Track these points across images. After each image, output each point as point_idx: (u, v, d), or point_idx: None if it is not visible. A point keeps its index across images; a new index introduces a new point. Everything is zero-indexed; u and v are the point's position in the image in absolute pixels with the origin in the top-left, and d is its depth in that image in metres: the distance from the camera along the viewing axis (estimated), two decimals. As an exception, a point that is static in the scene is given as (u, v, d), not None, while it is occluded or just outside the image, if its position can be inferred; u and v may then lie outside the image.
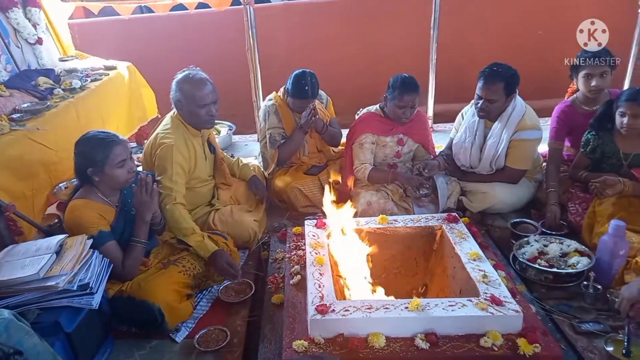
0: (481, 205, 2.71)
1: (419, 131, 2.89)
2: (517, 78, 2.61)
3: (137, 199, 2.03)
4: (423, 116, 2.96)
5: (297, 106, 2.90)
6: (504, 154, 2.69)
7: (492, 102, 2.61)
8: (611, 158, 2.51)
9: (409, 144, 2.90)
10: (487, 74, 2.60)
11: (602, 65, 2.58)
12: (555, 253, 2.25)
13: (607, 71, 2.59)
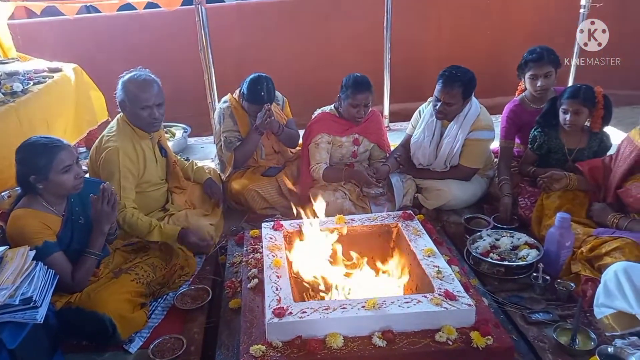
0: (436, 202, 2.77)
1: (374, 131, 2.92)
2: (474, 82, 2.69)
3: (96, 209, 1.95)
4: (378, 116, 2.99)
5: (252, 110, 2.87)
6: (459, 153, 2.76)
7: (450, 105, 2.67)
8: (557, 153, 2.61)
9: (365, 144, 2.92)
10: (446, 77, 2.64)
11: (547, 66, 2.67)
12: (506, 246, 2.32)
13: (551, 71, 2.69)
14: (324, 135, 2.82)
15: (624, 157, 2.25)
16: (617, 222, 2.19)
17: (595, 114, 2.46)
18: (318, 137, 2.82)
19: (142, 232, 2.26)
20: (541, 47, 2.72)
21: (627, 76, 4.77)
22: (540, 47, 2.72)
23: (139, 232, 2.28)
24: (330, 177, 2.81)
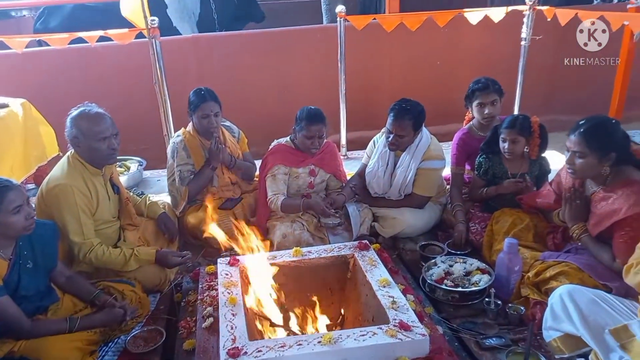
0: (392, 230, 2.82)
1: (329, 162, 2.97)
2: (423, 115, 2.80)
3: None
4: (333, 147, 3.04)
5: (201, 116, 2.86)
6: (412, 182, 2.84)
7: (401, 137, 2.76)
8: (501, 178, 2.73)
9: (321, 175, 2.96)
10: (396, 111, 2.74)
11: (492, 94, 2.83)
12: (459, 272, 2.38)
13: (496, 99, 2.86)
14: (281, 166, 2.84)
15: (566, 185, 2.36)
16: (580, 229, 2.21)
17: (532, 143, 2.59)
18: (275, 169, 2.84)
19: (118, 265, 2.31)
20: (486, 78, 2.90)
21: (568, 102, 5.08)
22: (485, 78, 2.90)
23: (114, 266, 2.31)
24: (288, 208, 2.82)
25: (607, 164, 2.09)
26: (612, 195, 2.09)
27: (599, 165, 2.09)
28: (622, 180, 2.09)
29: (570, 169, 2.15)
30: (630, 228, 1.99)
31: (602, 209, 2.12)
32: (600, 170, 2.10)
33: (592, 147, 2.05)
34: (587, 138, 2.06)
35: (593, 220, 2.16)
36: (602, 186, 2.15)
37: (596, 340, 1.80)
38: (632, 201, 2.00)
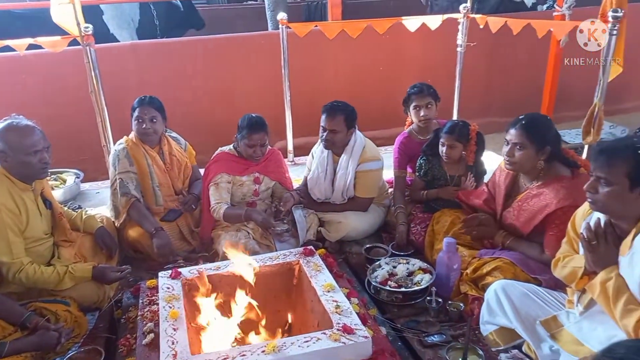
0: (338, 235, 2.85)
1: (274, 169, 2.96)
2: (355, 113, 2.87)
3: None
4: (278, 155, 3.04)
5: (135, 118, 2.79)
6: (352, 185, 2.89)
7: (335, 133, 2.81)
8: (440, 180, 2.84)
9: (266, 182, 2.95)
10: (328, 107, 2.83)
11: (427, 97, 2.95)
12: (403, 273, 2.43)
13: (431, 102, 2.97)
14: (224, 174, 2.81)
15: (500, 185, 2.48)
16: (502, 238, 2.37)
17: (469, 149, 2.71)
18: (217, 177, 2.80)
19: (51, 283, 2.19)
20: (421, 83, 3.03)
21: (503, 105, 5.34)
22: (421, 83, 3.03)
23: (47, 285, 2.19)
24: (230, 217, 2.78)
25: (542, 157, 2.21)
26: (544, 190, 2.21)
27: (536, 158, 2.20)
28: (552, 176, 2.22)
29: (509, 162, 2.26)
30: (560, 221, 2.11)
31: (535, 204, 2.23)
32: (536, 163, 2.22)
33: (531, 139, 2.17)
34: (527, 130, 2.18)
35: (527, 216, 2.27)
36: (535, 181, 2.27)
37: (528, 331, 1.91)
38: (561, 195, 2.13)
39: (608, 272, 1.69)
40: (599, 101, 2.86)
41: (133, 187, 2.79)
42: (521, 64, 5.23)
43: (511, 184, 2.42)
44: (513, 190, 2.42)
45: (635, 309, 1.60)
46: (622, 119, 5.60)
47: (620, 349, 0.95)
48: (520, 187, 2.37)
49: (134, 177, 2.82)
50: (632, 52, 5.64)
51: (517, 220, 2.32)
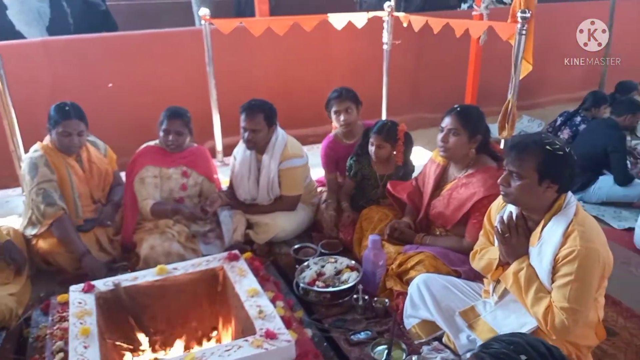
0: (266, 236, 2.80)
1: (202, 164, 2.90)
2: (274, 110, 2.84)
3: None
4: (204, 151, 2.97)
5: (61, 133, 2.58)
6: (277, 183, 2.86)
7: (256, 132, 2.77)
8: (370, 180, 2.86)
9: (194, 177, 2.86)
10: (247, 107, 2.79)
11: (346, 102, 2.93)
12: (330, 272, 2.43)
13: (351, 107, 2.95)
14: (149, 167, 2.72)
15: (430, 176, 2.54)
16: (420, 240, 2.45)
17: (397, 148, 2.75)
18: (143, 171, 2.70)
19: None
20: (342, 87, 3.01)
21: (430, 101, 5.52)
22: (341, 87, 3.01)
23: None
24: (158, 213, 2.70)
25: (474, 145, 2.30)
26: (472, 180, 2.29)
27: (467, 146, 2.28)
28: (480, 167, 2.31)
29: (443, 148, 2.32)
30: (485, 210, 2.17)
31: (464, 193, 2.31)
32: (467, 151, 2.30)
33: (464, 126, 2.25)
34: (461, 117, 2.26)
35: (456, 204, 2.34)
36: (464, 171, 2.35)
37: (448, 322, 1.96)
38: (488, 184, 2.21)
39: (520, 263, 1.77)
40: (512, 98, 3.01)
41: (57, 197, 2.58)
42: (446, 62, 5.41)
43: (441, 175, 2.49)
44: (442, 181, 2.49)
45: (545, 297, 1.69)
46: (539, 112, 5.97)
47: (495, 344, 1.00)
48: (450, 177, 2.44)
49: (57, 187, 2.61)
50: (546, 50, 6.06)
51: (446, 209, 2.37)
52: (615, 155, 3.82)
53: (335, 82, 5.04)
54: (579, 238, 1.63)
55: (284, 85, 4.90)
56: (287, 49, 4.82)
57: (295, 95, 4.83)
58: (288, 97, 4.76)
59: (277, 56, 4.85)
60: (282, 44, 4.74)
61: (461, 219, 2.31)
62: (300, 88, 4.93)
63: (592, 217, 1.75)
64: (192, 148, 2.88)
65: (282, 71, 4.90)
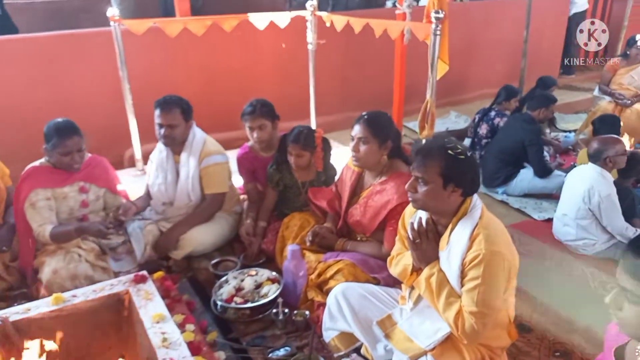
0: (183, 251, 2.65)
1: (101, 175, 2.66)
2: (190, 106, 2.73)
3: None
4: (102, 161, 2.73)
5: None
6: (198, 183, 2.72)
7: (173, 128, 2.64)
8: (292, 188, 2.78)
9: (95, 190, 2.63)
10: (162, 102, 2.66)
11: (259, 119, 2.78)
12: (250, 286, 2.33)
13: (265, 123, 2.79)
14: (39, 190, 2.43)
15: (346, 183, 2.49)
16: (342, 245, 2.39)
17: (316, 155, 2.68)
18: (31, 196, 2.42)
19: None
20: (257, 101, 2.83)
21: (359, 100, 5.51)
22: (257, 101, 2.83)
23: None
24: (60, 237, 2.43)
25: (385, 152, 2.26)
26: (386, 186, 2.26)
27: (379, 153, 2.24)
28: (394, 173, 2.28)
29: (355, 157, 2.27)
30: (400, 217, 2.16)
31: (379, 200, 2.27)
32: (379, 158, 2.26)
33: (374, 133, 2.20)
34: (370, 125, 2.21)
35: (372, 212, 2.30)
36: (379, 178, 2.31)
37: (365, 333, 1.92)
38: (402, 191, 2.16)
39: (431, 268, 1.75)
40: (430, 97, 3.01)
41: None
42: (374, 60, 5.43)
43: (356, 182, 2.45)
44: (358, 187, 2.45)
45: (455, 302, 1.68)
46: (467, 107, 6.14)
47: None
48: (366, 184, 2.40)
49: None
50: (470, 47, 6.25)
51: (363, 217, 2.34)
52: (532, 149, 3.97)
53: (263, 82, 4.96)
54: (484, 241, 1.62)
55: (209, 88, 4.71)
56: (211, 50, 4.64)
57: (221, 98, 4.66)
58: (214, 100, 4.59)
59: (201, 58, 4.66)
60: (206, 45, 4.56)
61: (379, 226, 2.27)
62: (226, 91, 4.76)
63: (497, 219, 1.76)
64: (87, 159, 2.60)
65: (207, 74, 4.72)
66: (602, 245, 3.18)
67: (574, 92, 6.94)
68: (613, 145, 3.10)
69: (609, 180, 3.13)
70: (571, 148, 5.13)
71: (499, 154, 4.15)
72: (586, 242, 3.21)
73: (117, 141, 4.02)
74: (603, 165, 3.11)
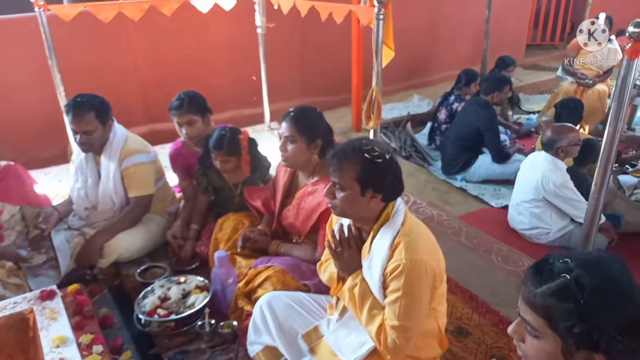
0: (108, 259, 2.45)
1: (15, 190, 2.46)
2: (106, 104, 2.48)
3: None
4: (15, 170, 2.53)
5: None
6: (121, 185, 2.52)
7: (89, 134, 2.41)
8: (223, 190, 2.60)
9: (9, 209, 2.43)
10: (72, 105, 2.39)
11: (187, 114, 2.56)
12: (176, 296, 2.17)
13: (194, 119, 2.58)
14: None
15: (279, 182, 2.34)
16: (275, 248, 2.25)
17: (242, 159, 2.49)
18: None
19: None
20: (185, 94, 2.59)
21: (319, 85, 5.33)
22: (185, 94, 2.59)
23: None
24: None
25: (315, 151, 2.10)
26: (318, 187, 2.11)
27: (308, 152, 2.09)
28: (325, 173, 2.12)
29: (283, 157, 2.11)
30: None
31: (311, 202, 2.13)
32: (309, 157, 2.11)
33: (301, 131, 2.04)
34: (297, 122, 2.05)
35: (304, 214, 2.16)
36: (311, 178, 2.17)
37: (290, 348, 1.79)
38: None
39: (354, 278, 1.63)
40: (376, 86, 2.85)
41: None
42: (332, 43, 5.21)
43: (290, 181, 2.30)
44: (293, 187, 2.30)
45: (378, 314, 1.57)
46: (430, 90, 6.00)
47: None
48: (300, 184, 2.25)
49: None
50: (433, 28, 6.08)
51: (296, 220, 2.20)
52: (488, 134, 3.87)
53: (215, 67, 4.73)
54: (404, 250, 1.50)
55: (158, 75, 4.48)
56: (158, 34, 4.38)
57: (171, 85, 4.40)
58: (162, 88, 4.36)
59: (147, 43, 4.40)
60: (152, 30, 4.31)
61: (312, 229, 2.14)
62: (176, 77, 4.52)
63: (421, 223, 1.63)
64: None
65: (154, 59, 4.47)
66: (556, 233, 3.12)
67: (539, 71, 6.86)
68: (566, 135, 3.01)
69: (562, 169, 3.05)
70: (534, 130, 5.05)
71: (456, 140, 4.03)
72: (540, 231, 3.15)
73: (60, 134, 3.77)
74: (555, 154, 3.03)
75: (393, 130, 4.82)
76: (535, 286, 0.93)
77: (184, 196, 2.76)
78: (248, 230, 2.32)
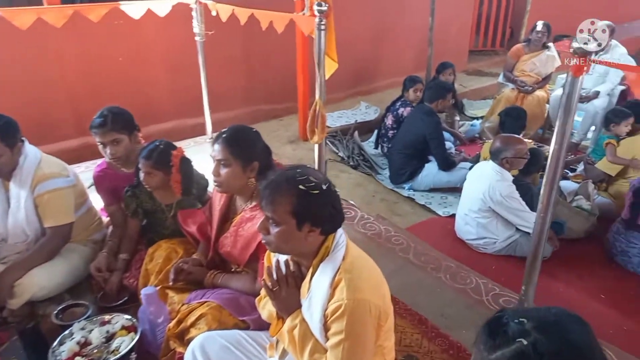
0: (20, 300, 2.15)
1: None
2: (13, 126, 2.18)
3: None
4: None
5: None
6: (34, 215, 2.25)
7: None
8: (156, 213, 2.39)
9: None
10: None
11: (111, 133, 2.30)
12: (98, 340, 1.94)
13: (118, 138, 2.32)
14: None
15: (215, 207, 2.16)
16: (212, 280, 2.07)
17: (172, 179, 2.28)
18: None
19: None
20: (109, 110, 2.33)
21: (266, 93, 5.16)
22: (108, 110, 2.32)
23: None
24: None
25: (252, 174, 1.93)
26: (256, 214, 1.95)
27: (243, 176, 1.91)
28: None
29: (216, 182, 1.93)
30: None
31: (250, 229, 1.96)
32: (245, 181, 1.93)
33: (235, 154, 1.87)
34: (231, 144, 1.87)
35: (242, 243, 1.99)
36: (249, 202, 2.00)
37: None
38: None
39: (293, 319, 1.49)
40: (319, 98, 2.72)
41: None
42: (277, 51, 5.06)
43: (227, 206, 2.12)
44: (230, 212, 2.12)
45: (320, 358, 1.43)
46: (377, 97, 5.97)
47: None
48: (238, 209, 2.08)
49: None
50: (379, 35, 6.05)
51: (234, 248, 2.02)
52: (433, 142, 3.86)
53: (151, 76, 4.46)
54: (346, 289, 1.37)
55: (88, 83, 4.17)
56: (90, 41, 4.08)
57: (105, 96, 4.11)
58: (95, 99, 4.04)
59: (77, 50, 4.08)
60: (83, 36, 4.01)
61: (252, 257, 1.97)
62: (110, 85, 4.24)
63: (364, 255, 1.51)
64: None
65: (85, 67, 4.15)
66: (502, 243, 3.13)
67: (482, 77, 7.00)
68: (513, 146, 3.02)
69: (508, 180, 3.05)
70: (477, 136, 5.12)
71: (403, 149, 3.99)
72: (487, 240, 3.15)
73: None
74: (501, 164, 3.02)
75: (341, 139, 4.74)
76: (489, 351, 0.83)
77: (112, 222, 2.50)
78: (181, 261, 2.11)
